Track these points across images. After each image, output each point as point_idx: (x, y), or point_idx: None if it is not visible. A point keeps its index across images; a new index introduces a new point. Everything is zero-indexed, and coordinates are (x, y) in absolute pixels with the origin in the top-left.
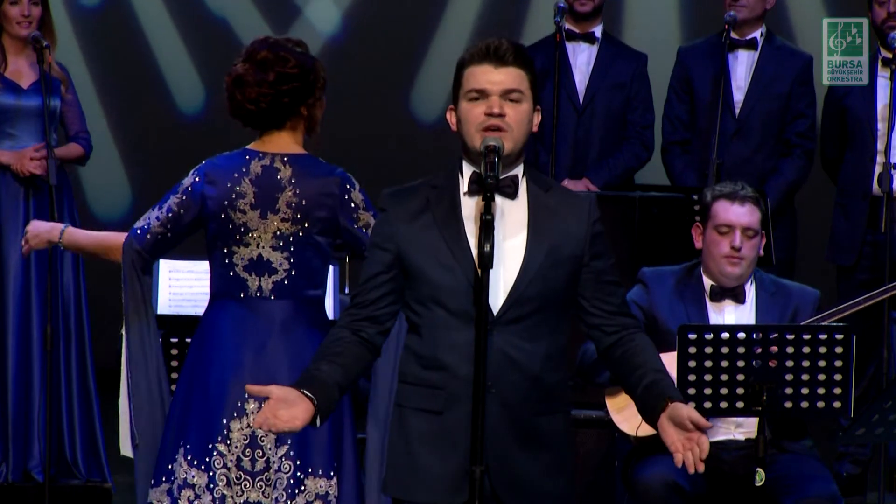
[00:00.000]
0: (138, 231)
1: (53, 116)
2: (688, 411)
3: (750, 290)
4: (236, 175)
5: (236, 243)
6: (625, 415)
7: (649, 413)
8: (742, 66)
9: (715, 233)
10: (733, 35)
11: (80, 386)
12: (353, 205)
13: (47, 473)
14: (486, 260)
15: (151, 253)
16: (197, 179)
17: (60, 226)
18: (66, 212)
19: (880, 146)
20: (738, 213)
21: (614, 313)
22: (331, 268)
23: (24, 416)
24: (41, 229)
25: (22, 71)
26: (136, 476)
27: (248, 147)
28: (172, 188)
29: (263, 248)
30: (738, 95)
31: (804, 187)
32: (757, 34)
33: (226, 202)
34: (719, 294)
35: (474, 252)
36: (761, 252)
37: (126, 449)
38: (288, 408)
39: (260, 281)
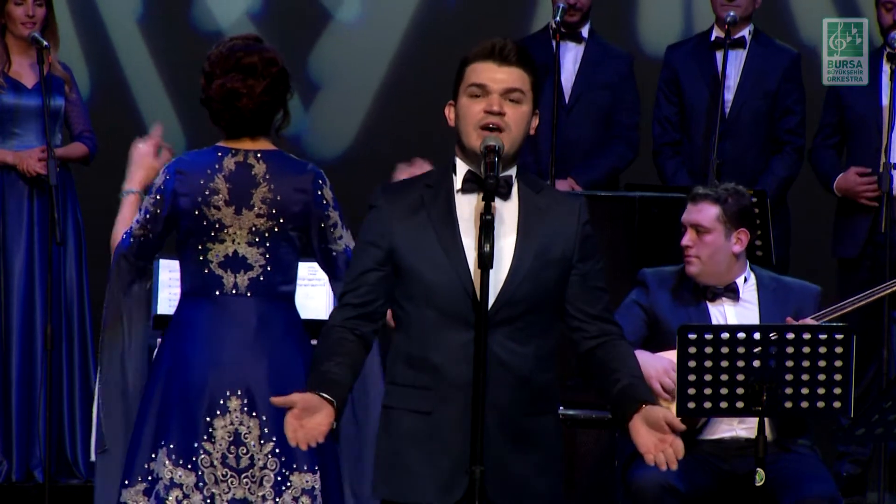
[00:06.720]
0: (124, 236)
1: (56, 116)
2: (664, 413)
3: (745, 288)
4: (209, 171)
5: (211, 240)
6: None
7: (621, 413)
8: (731, 65)
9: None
10: (721, 34)
11: (81, 386)
12: (324, 201)
13: (47, 473)
14: (486, 260)
15: (137, 256)
16: (167, 177)
17: (132, 188)
18: (70, 211)
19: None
20: (689, 211)
21: (596, 318)
22: None
23: (27, 415)
24: (133, 161)
25: (25, 71)
26: (96, 479)
27: (219, 144)
28: (148, 190)
29: (239, 244)
30: (728, 94)
31: (800, 186)
32: (745, 32)
33: (199, 199)
34: (713, 293)
35: (468, 252)
36: (734, 249)
37: (93, 454)
38: (311, 415)
39: (235, 278)
